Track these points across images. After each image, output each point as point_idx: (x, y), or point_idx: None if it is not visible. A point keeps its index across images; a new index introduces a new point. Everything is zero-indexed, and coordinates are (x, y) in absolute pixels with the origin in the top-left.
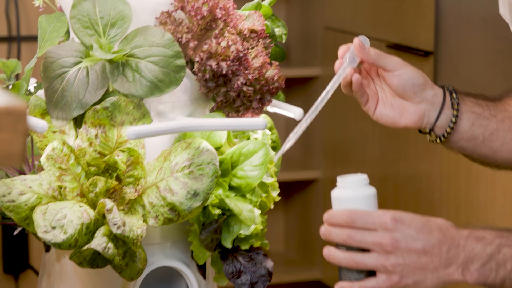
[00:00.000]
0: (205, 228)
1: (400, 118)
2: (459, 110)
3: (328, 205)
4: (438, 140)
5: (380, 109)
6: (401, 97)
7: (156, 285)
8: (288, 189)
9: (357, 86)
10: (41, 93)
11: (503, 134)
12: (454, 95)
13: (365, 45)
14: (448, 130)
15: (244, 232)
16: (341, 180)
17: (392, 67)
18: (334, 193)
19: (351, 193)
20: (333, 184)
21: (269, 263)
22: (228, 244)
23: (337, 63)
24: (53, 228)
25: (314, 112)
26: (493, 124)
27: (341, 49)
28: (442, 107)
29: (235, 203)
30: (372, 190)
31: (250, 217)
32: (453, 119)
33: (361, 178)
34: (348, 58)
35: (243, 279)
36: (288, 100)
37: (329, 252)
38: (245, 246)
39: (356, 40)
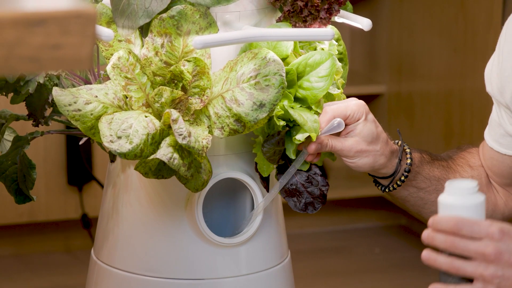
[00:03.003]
0: (267, 140)
1: None
2: (401, 186)
3: (392, 120)
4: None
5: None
6: None
7: (220, 197)
8: None
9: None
10: (107, 1)
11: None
12: (404, 177)
13: (338, 128)
14: (387, 191)
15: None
16: (450, 185)
17: (344, 156)
18: (442, 199)
19: (460, 200)
20: (398, 100)
21: (325, 185)
22: (291, 155)
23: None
24: (119, 137)
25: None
26: (432, 197)
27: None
28: (392, 180)
29: (299, 114)
30: (481, 199)
31: (314, 127)
32: (395, 186)
33: (470, 186)
34: (305, 150)
35: (298, 198)
36: (356, 12)
37: (429, 256)
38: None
39: (312, 145)
